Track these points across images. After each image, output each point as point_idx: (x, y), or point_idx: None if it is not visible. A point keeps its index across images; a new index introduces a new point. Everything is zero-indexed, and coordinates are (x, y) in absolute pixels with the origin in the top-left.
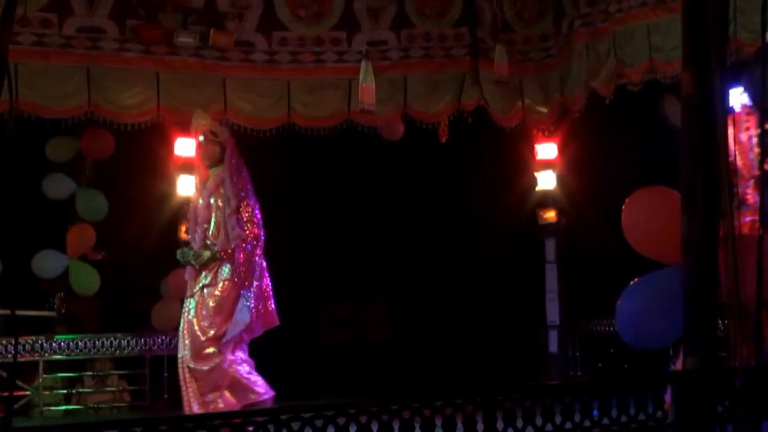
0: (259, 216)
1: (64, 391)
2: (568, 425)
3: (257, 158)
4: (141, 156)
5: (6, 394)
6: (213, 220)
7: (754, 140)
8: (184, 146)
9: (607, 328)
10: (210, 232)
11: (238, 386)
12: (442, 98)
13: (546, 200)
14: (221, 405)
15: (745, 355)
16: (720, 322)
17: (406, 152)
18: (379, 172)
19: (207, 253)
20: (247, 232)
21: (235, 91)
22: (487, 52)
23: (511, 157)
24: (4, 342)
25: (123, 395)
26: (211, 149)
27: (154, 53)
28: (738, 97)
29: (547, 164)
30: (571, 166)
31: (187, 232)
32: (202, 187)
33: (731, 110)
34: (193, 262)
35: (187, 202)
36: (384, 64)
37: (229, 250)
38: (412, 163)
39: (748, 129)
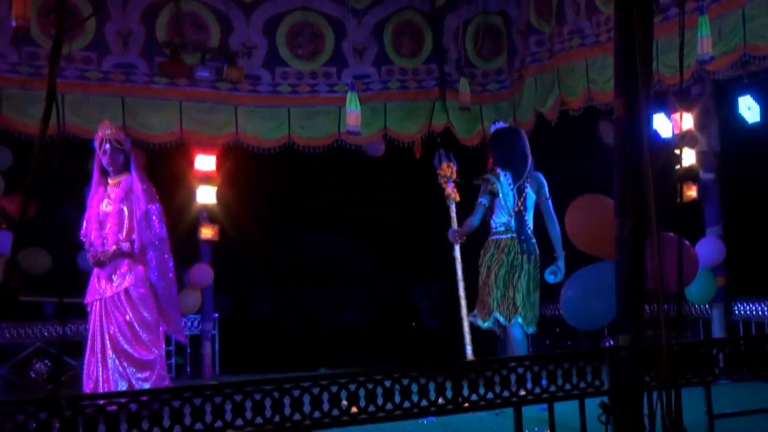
0: (164, 219)
1: None
2: (521, 392)
3: (263, 172)
4: (167, 170)
5: (56, 368)
6: (126, 224)
7: None
8: (203, 162)
9: (553, 312)
10: (123, 235)
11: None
12: (416, 122)
13: None
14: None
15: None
16: (647, 306)
17: (387, 166)
18: (364, 183)
19: (114, 248)
20: (156, 233)
21: (244, 116)
22: (453, 84)
23: (474, 169)
24: (54, 325)
25: None
26: (116, 157)
27: (178, 85)
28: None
29: None
30: None
31: (84, 236)
32: (103, 194)
33: None
34: (105, 260)
35: (204, 207)
36: (367, 94)
37: (141, 251)
38: (392, 175)
39: None
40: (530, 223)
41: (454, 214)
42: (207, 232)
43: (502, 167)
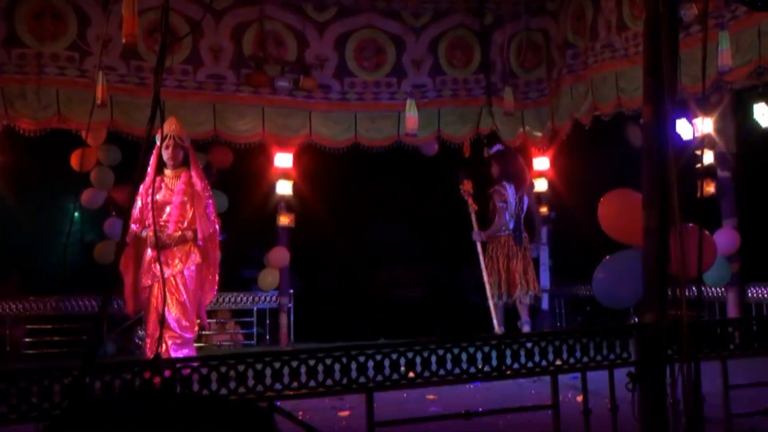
0: (216, 214)
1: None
2: (558, 362)
3: (333, 168)
4: (251, 166)
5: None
6: (188, 214)
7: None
8: (282, 159)
9: (585, 292)
10: (185, 224)
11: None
12: (465, 125)
13: (540, 199)
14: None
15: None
16: (670, 288)
17: (440, 163)
18: (419, 178)
19: (179, 234)
20: (212, 225)
21: (317, 120)
22: (498, 92)
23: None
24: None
25: (237, 336)
26: (177, 152)
27: (261, 93)
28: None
29: (541, 173)
30: (560, 173)
31: (135, 221)
32: (160, 184)
33: None
34: (171, 244)
35: (282, 198)
36: (423, 101)
37: (203, 239)
38: (444, 171)
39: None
40: (522, 222)
41: (474, 219)
42: (285, 220)
43: (507, 181)
